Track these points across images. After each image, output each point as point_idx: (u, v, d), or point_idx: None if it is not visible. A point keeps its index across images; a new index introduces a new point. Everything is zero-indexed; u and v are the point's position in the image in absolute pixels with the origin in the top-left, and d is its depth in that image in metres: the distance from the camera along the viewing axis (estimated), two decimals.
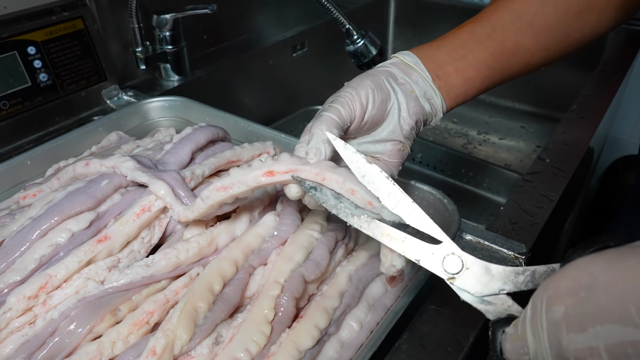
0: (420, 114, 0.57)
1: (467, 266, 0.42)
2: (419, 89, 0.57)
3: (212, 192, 0.51)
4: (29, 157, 0.81)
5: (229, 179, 0.50)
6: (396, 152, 0.57)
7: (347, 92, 0.52)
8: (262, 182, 0.50)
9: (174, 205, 0.58)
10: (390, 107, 0.55)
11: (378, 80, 0.54)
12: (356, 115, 0.52)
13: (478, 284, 0.41)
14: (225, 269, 0.55)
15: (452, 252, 0.43)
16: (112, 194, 0.62)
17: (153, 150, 0.72)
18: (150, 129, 0.93)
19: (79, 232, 0.57)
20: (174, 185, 0.61)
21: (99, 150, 0.84)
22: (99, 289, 0.53)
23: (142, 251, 0.59)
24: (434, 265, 0.43)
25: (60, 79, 0.96)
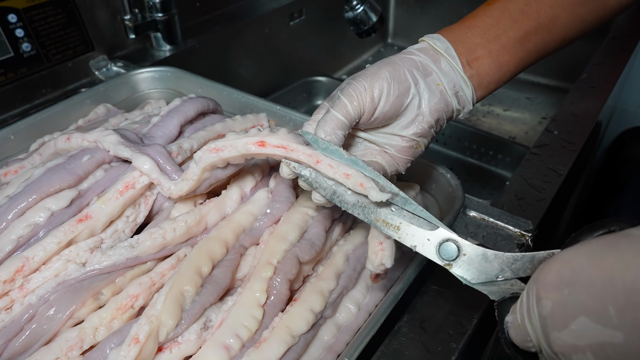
0: (444, 112, 0.52)
1: (463, 252, 0.41)
2: (447, 80, 0.52)
3: (205, 153, 0.49)
4: (13, 132, 0.78)
5: (222, 141, 0.47)
6: (407, 149, 0.53)
7: (360, 83, 0.48)
8: (252, 150, 0.46)
9: (162, 181, 0.55)
10: (408, 102, 0.50)
11: (399, 72, 0.49)
12: (365, 110, 0.48)
13: (475, 270, 0.40)
14: (215, 249, 0.52)
15: (448, 239, 0.42)
16: (95, 170, 0.58)
17: (140, 124, 0.69)
18: (139, 101, 0.89)
19: (58, 211, 0.54)
20: (159, 160, 0.57)
21: (85, 124, 0.80)
22: (80, 271, 0.50)
23: (126, 231, 0.56)
24: (429, 251, 0.42)
25: (45, 48, 0.91)
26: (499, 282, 0.40)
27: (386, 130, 0.52)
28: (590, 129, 0.81)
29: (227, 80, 1.01)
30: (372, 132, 0.53)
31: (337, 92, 0.49)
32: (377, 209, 0.43)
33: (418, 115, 0.51)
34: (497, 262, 0.40)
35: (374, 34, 1.03)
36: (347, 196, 0.44)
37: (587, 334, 0.27)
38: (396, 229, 0.43)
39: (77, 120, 0.81)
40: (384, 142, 0.53)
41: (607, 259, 0.27)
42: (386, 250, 0.46)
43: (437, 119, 0.52)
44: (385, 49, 1.63)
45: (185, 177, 0.52)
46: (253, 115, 0.71)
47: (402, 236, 0.43)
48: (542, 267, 0.31)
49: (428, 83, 0.51)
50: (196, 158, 0.49)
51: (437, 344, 0.52)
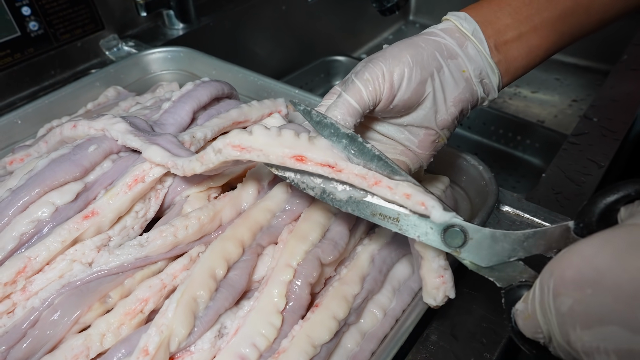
0: (469, 101, 0.49)
1: (470, 236, 0.39)
2: (473, 67, 0.48)
3: (227, 148, 0.43)
4: (20, 116, 0.74)
5: (251, 140, 0.42)
6: (428, 143, 0.49)
7: (378, 67, 0.44)
8: (286, 164, 0.42)
9: (176, 160, 0.51)
10: (430, 90, 0.46)
11: (421, 55, 0.45)
12: (383, 97, 0.44)
13: (485, 253, 0.39)
14: (230, 250, 0.48)
15: (452, 224, 0.39)
16: (102, 160, 0.54)
17: (150, 110, 0.65)
18: (151, 83, 0.85)
19: (63, 205, 0.50)
20: (170, 150, 0.53)
21: (95, 107, 0.76)
22: (86, 272, 0.47)
23: (135, 227, 0.52)
24: (435, 240, 0.40)
25: (53, 28, 0.87)
26: (506, 269, 0.39)
27: (404, 121, 0.48)
28: (634, 117, 0.75)
29: (242, 60, 0.97)
30: (389, 123, 0.49)
31: (352, 76, 0.45)
32: (372, 202, 0.41)
33: (440, 105, 0.47)
34: (508, 242, 0.38)
35: (397, 11, 0.97)
36: (338, 193, 0.41)
37: (613, 338, 0.26)
38: (395, 221, 0.41)
39: (87, 103, 0.77)
40: (402, 137, 0.50)
41: (635, 261, 0.26)
42: (448, 283, 0.44)
43: (461, 109, 0.49)
44: (406, 26, 1.56)
45: (201, 159, 0.47)
46: (270, 100, 0.66)
47: (403, 227, 0.41)
48: (559, 259, 0.30)
49: (452, 69, 0.47)
50: (215, 148, 0.45)
51: (469, 354, 0.48)
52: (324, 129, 0.42)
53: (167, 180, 0.55)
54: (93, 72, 0.87)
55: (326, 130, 0.41)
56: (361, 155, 0.41)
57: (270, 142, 0.42)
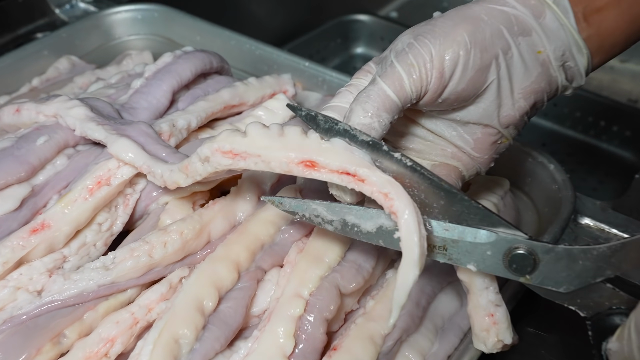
0: (544, 92, 0.49)
1: (541, 257, 0.40)
2: (553, 46, 0.48)
3: (216, 155, 0.44)
4: None
5: (245, 144, 0.43)
6: (488, 145, 0.50)
7: (425, 48, 0.44)
8: (294, 172, 0.42)
9: (153, 167, 0.52)
10: (492, 78, 0.47)
11: (483, 33, 0.46)
12: (429, 88, 0.45)
13: (563, 276, 0.40)
14: (222, 274, 0.49)
15: (515, 246, 0.41)
16: (54, 157, 0.56)
17: (117, 89, 0.66)
18: (116, 52, 0.87)
19: (4, 215, 0.51)
20: (144, 144, 0.55)
21: (43, 84, 0.78)
22: (34, 303, 0.48)
23: (98, 244, 0.54)
24: (496, 268, 0.42)
25: None
26: (592, 294, 0.42)
27: (457, 116, 0.49)
28: None
29: (235, 23, 0.97)
30: (436, 120, 0.50)
31: (391, 56, 0.45)
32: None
33: (506, 97, 0.48)
34: (590, 260, 0.39)
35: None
36: (364, 224, 0.43)
37: None
38: (442, 250, 0.42)
39: (32, 79, 0.78)
40: (454, 135, 0.50)
41: None
42: (501, 323, 0.45)
43: (534, 102, 0.49)
44: None
45: (185, 171, 0.49)
46: (273, 77, 0.68)
47: (454, 256, 0.42)
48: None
49: (524, 50, 0.47)
50: (202, 155, 0.46)
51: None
52: (334, 136, 0.42)
53: (140, 182, 0.56)
54: (39, 37, 0.88)
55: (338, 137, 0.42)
56: (389, 168, 0.42)
57: (270, 144, 0.42)
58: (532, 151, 0.64)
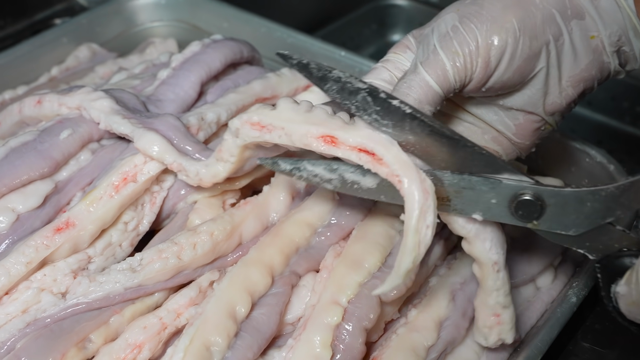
0: (595, 79, 0.49)
1: (548, 202, 0.42)
2: (608, 31, 0.48)
3: (245, 126, 0.47)
4: None
5: (272, 116, 0.45)
6: (530, 131, 0.51)
7: (471, 33, 0.45)
8: (312, 146, 0.44)
9: (185, 164, 0.53)
10: (541, 66, 0.47)
11: (533, 19, 0.46)
12: (474, 76, 0.46)
13: (572, 219, 0.42)
14: (255, 279, 0.50)
15: (520, 191, 0.42)
16: (78, 151, 0.57)
17: (141, 79, 0.67)
18: (138, 39, 0.88)
19: (27, 213, 0.53)
20: (173, 138, 0.56)
21: (62, 74, 0.80)
22: (59, 306, 0.49)
23: (124, 245, 0.55)
24: (502, 215, 0.43)
25: None
26: (601, 236, 0.42)
27: (500, 101, 0.50)
28: None
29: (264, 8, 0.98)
30: (480, 104, 0.51)
31: (434, 38, 0.46)
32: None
33: (553, 85, 0.48)
34: (598, 201, 0.41)
35: None
36: (365, 180, 0.44)
37: None
38: (446, 201, 0.43)
39: (51, 68, 0.80)
40: (495, 119, 0.51)
41: None
42: (505, 324, 0.47)
43: (583, 90, 0.50)
44: None
45: (220, 156, 0.50)
46: None
47: (458, 207, 0.44)
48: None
49: (576, 36, 0.47)
50: (232, 128, 0.48)
51: None
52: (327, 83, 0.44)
53: (167, 179, 0.57)
54: (58, 23, 0.90)
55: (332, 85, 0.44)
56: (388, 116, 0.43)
57: (295, 117, 0.45)
58: (588, 148, 0.64)
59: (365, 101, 0.43)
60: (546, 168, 0.65)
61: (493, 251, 0.47)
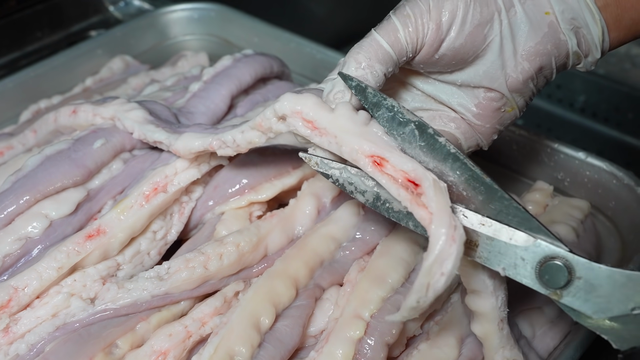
0: (552, 55, 0.49)
1: (578, 274, 0.40)
2: (561, 7, 0.48)
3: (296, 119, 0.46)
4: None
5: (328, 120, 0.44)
6: (490, 111, 0.50)
7: (423, 0, 0.46)
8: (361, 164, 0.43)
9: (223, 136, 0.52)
10: (493, 36, 0.47)
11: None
12: (426, 41, 0.46)
13: (598, 301, 0.40)
14: (279, 291, 0.51)
15: (553, 255, 0.40)
16: (110, 160, 0.58)
17: (173, 92, 0.68)
18: (170, 52, 0.90)
19: (59, 219, 0.54)
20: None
21: (96, 84, 0.81)
22: (88, 311, 0.50)
23: (152, 253, 0.56)
24: (526, 275, 0.41)
25: None
26: (630, 325, 0.39)
27: (457, 79, 0.50)
28: None
29: (294, 23, 0.99)
30: (436, 80, 0.51)
31: (391, 12, 0.47)
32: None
33: (509, 58, 0.48)
34: (633, 288, 0.39)
35: None
36: (396, 203, 0.43)
37: None
38: (474, 246, 0.42)
39: (85, 78, 0.82)
40: (454, 101, 0.51)
41: None
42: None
43: (540, 66, 0.49)
44: None
45: (259, 127, 0.49)
46: None
47: (483, 255, 0.42)
48: None
49: (529, 9, 0.48)
50: (279, 112, 0.46)
51: None
52: (379, 110, 0.43)
53: (196, 190, 0.58)
54: (93, 35, 0.92)
55: (384, 112, 0.43)
56: (431, 153, 0.42)
57: (351, 128, 0.43)
58: (617, 171, 0.63)
59: (412, 134, 0.42)
60: (573, 189, 0.65)
61: (502, 309, 0.47)
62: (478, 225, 0.42)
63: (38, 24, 0.95)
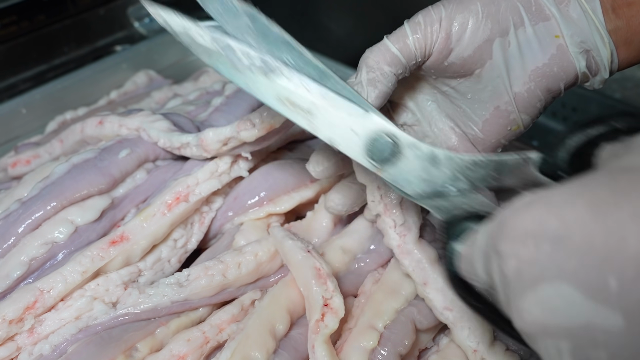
0: (560, 79, 0.50)
1: (402, 150, 0.40)
2: (571, 31, 0.49)
3: None
4: (25, 104, 0.83)
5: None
6: (497, 126, 0.51)
7: (436, 11, 0.48)
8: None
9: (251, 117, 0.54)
10: (502, 51, 0.49)
11: (497, 6, 0.48)
12: (434, 48, 0.48)
13: (417, 177, 0.40)
14: (294, 299, 0.52)
15: (383, 131, 0.41)
16: (135, 170, 0.60)
17: (196, 106, 0.70)
18: (192, 68, 0.92)
19: (85, 225, 0.56)
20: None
21: (120, 97, 0.84)
22: (109, 314, 0.52)
23: (172, 261, 0.57)
24: (354, 149, 0.41)
25: None
26: (450, 194, 0.40)
27: (467, 92, 0.51)
28: None
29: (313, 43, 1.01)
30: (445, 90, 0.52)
31: (405, 20, 0.49)
32: (275, 78, 0.40)
33: (516, 77, 0.49)
34: (449, 167, 0.39)
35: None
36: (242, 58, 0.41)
37: (568, 309, 0.27)
38: (307, 113, 0.41)
39: (110, 92, 0.84)
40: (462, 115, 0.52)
41: (619, 213, 0.27)
42: None
43: (547, 87, 0.50)
44: None
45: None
46: None
47: (315, 125, 0.41)
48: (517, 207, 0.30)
49: (539, 30, 0.49)
50: None
51: None
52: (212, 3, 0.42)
53: (216, 201, 0.60)
54: (118, 50, 0.94)
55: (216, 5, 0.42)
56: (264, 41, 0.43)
57: None
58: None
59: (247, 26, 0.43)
60: None
61: (471, 339, 0.49)
62: (319, 96, 0.41)
63: (65, 39, 0.97)
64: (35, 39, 0.95)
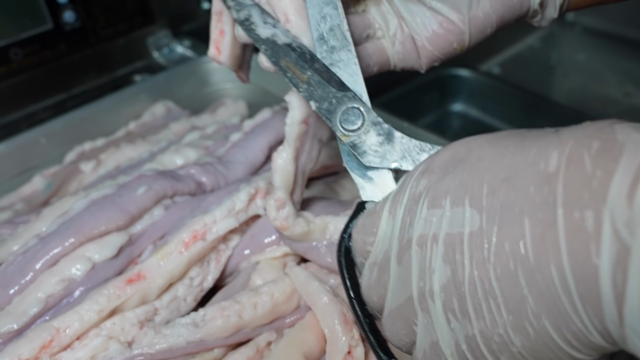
0: (516, 10, 0.50)
1: (367, 126, 0.44)
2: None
3: None
4: (44, 133, 0.83)
5: None
6: (445, 41, 0.50)
7: None
8: None
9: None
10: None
11: None
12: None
13: (372, 151, 0.43)
14: (310, 343, 0.52)
15: (357, 106, 0.44)
16: (152, 206, 0.60)
17: (214, 140, 0.70)
18: (210, 99, 0.93)
19: (102, 262, 0.56)
20: None
21: (139, 129, 0.84)
22: (125, 355, 0.51)
23: (188, 299, 0.57)
24: (331, 115, 0.45)
25: (92, 19, 0.96)
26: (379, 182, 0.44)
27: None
28: None
29: None
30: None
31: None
32: (290, 51, 0.47)
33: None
34: (401, 148, 0.42)
35: None
36: (261, 28, 0.47)
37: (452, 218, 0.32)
38: (302, 82, 0.46)
39: (128, 122, 0.85)
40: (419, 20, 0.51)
41: (507, 140, 0.32)
42: None
43: (502, 16, 0.50)
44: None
45: None
46: None
47: (307, 92, 0.45)
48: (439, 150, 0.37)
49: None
50: None
51: None
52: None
53: (233, 239, 0.60)
54: (137, 79, 0.95)
55: None
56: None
57: None
58: None
59: None
60: None
61: None
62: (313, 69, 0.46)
63: (86, 68, 0.99)
64: (57, 68, 0.96)
